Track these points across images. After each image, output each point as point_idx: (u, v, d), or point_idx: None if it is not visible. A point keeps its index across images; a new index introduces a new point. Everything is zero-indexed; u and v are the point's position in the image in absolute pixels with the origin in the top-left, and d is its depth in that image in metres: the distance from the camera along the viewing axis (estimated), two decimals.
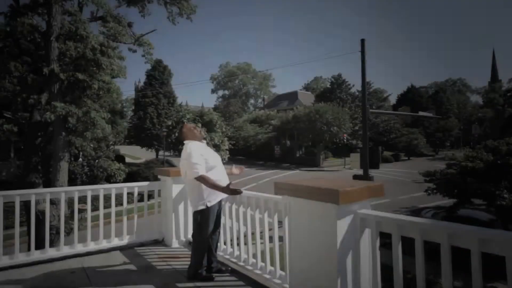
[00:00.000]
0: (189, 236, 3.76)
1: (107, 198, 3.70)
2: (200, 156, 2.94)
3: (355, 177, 12.14)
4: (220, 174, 3.07)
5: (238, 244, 3.26)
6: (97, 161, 20.38)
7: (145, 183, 4.04)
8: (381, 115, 41.10)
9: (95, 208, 4.03)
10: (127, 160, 33.56)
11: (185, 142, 3.15)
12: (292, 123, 33.73)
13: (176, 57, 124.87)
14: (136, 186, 3.94)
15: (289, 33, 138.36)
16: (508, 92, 48.52)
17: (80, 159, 19.75)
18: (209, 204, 2.93)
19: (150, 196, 4.17)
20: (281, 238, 2.68)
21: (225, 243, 3.48)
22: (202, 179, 2.87)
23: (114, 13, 11.06)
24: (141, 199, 4.00)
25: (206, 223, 2.95)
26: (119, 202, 3.96)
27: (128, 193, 4.01)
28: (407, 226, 1.78)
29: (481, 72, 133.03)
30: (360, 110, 38.72)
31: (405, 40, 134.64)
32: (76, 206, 3.59)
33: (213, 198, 2.97)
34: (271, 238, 2.88)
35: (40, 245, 3.48)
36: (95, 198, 3.77)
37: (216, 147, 21.70)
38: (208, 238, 3.00)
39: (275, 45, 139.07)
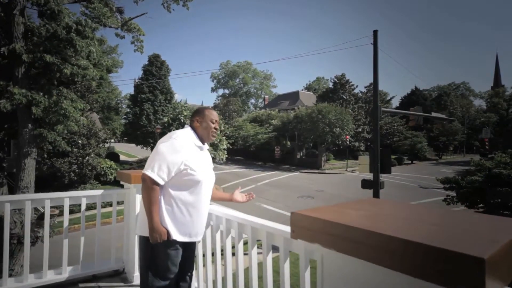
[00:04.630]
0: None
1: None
2: (183, 154, 1.76)
3: (364, 182, 10.96)
4: (200, 199, 1.87)
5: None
6: (86, 158, 19.29)
7: (98, 192, 2.86)
8: (385, 116, 40.07)
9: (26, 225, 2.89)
10: (122, 158, 32.43)
11: (185, 126, 2.00)
12: (293, 123, 32.57)
13: (176, 53, 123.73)
14: (84, 196, 2.77)
15: (291, 33, 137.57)
16: None
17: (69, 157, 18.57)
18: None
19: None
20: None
21: None
22: (146, 185, 1.71)
23: None
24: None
25: (162, 259, 1.79)
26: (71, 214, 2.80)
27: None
28: None
29: (483, 76, 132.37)
30: (363, 112, 37.66)
31: (408, 44, 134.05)
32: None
33: (182, 230, 1.81)
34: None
35: None
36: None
37: (214, 146, 20.64)
38: (170, 284, 1.84)
39: (276, 43, 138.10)
